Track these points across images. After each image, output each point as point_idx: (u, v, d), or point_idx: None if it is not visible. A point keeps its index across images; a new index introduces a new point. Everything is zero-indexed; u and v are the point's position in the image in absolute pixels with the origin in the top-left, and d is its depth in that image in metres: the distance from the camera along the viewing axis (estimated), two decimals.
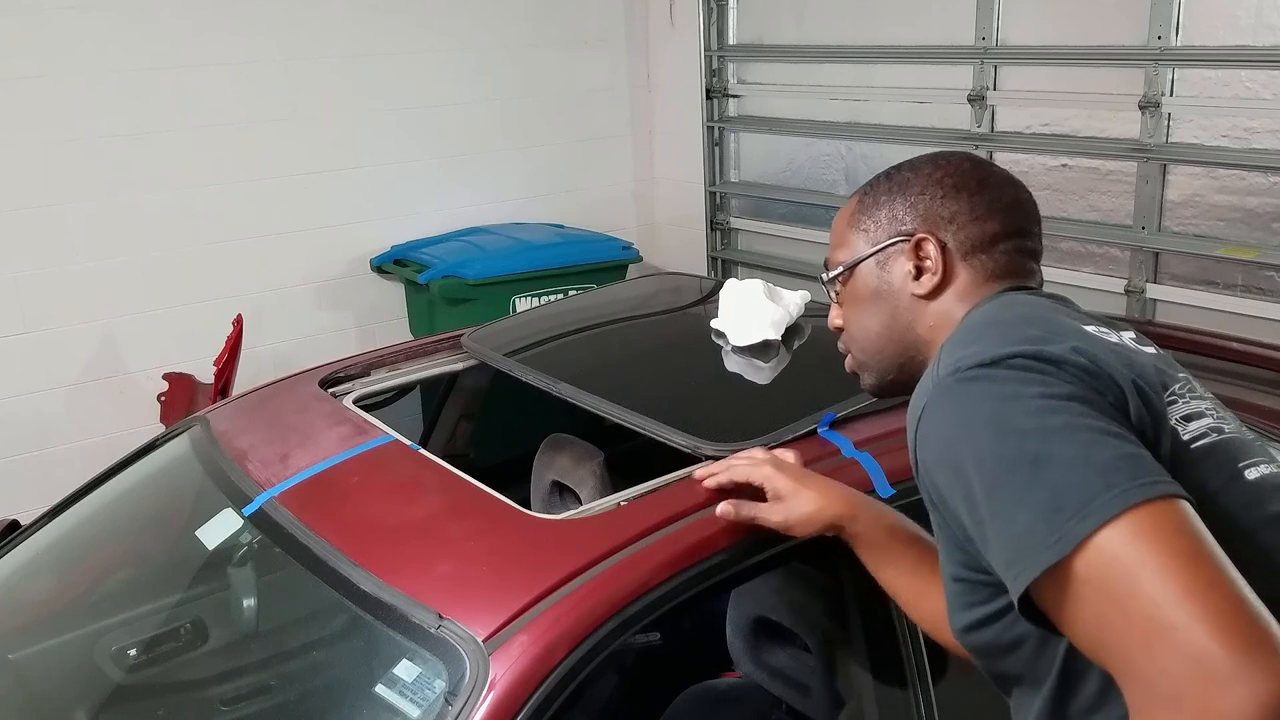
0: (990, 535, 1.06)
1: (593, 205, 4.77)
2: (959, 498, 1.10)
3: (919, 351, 1.38)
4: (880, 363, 1.42)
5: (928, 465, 1.15)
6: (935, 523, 1.21)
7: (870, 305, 1.41)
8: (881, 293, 1.39)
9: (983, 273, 1.35)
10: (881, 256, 1.39)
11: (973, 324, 1.28)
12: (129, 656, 2.06)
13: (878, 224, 1.40)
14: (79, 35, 3.58)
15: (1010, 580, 1.04)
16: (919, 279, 1.36)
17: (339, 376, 2.34)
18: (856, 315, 1.43)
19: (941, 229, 1.36)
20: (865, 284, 1.41)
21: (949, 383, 1.14)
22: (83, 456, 3.54)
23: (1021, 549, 1.02)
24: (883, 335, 1.40)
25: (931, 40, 3.82)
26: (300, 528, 1.76)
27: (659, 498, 1.72)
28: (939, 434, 1.13)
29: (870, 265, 1.40)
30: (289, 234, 4.09)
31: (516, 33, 4.48)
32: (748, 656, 2.14)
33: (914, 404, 1.21)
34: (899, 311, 1.38)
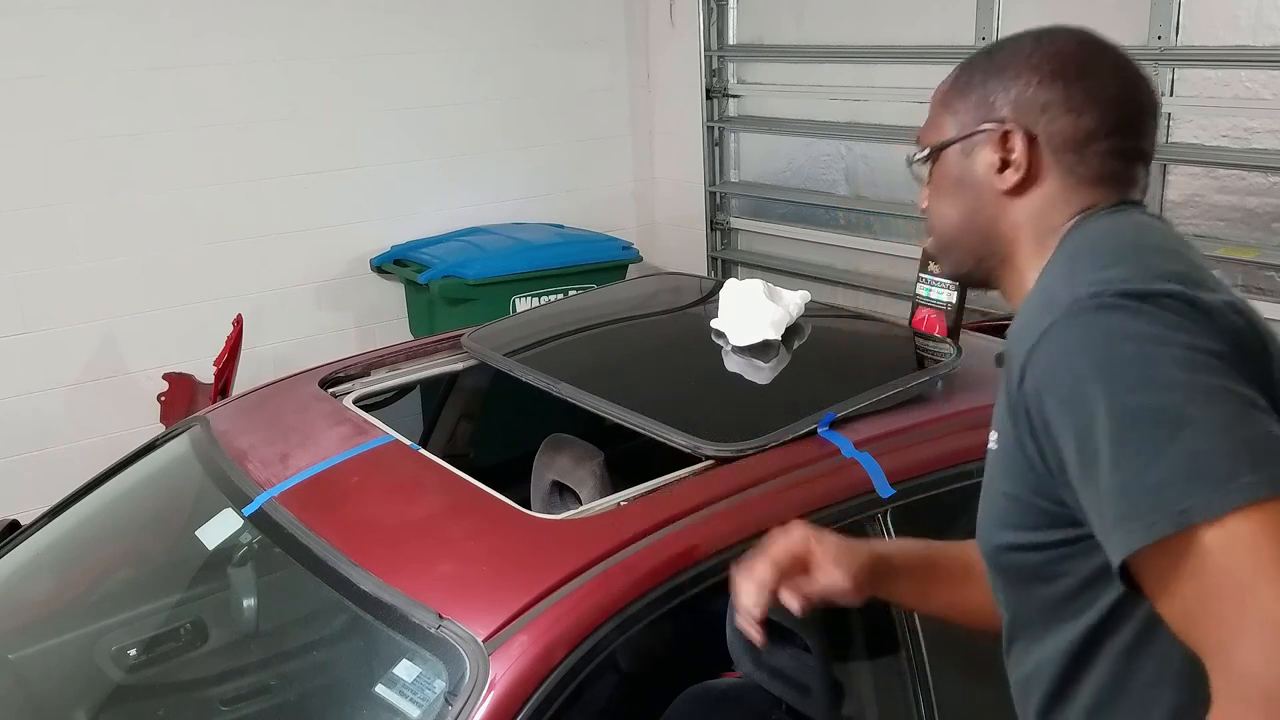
0: (1103, 481, 1.00)
1: (593, 205, 4.77)
2: (1069, 429, 1.03)
3: (1000, 249, 1.30)
4: (958, 253, 1.35)
5: (1039, 386, 1.06)
6: (1008, 438, 1.14)
7: (952, 193, 1.32)
8: (964, 182, 1.30)
9: (1075, 175, 1.24)
10: (967, 144, 1.29)
11: (1106, 242, 1.17)
12: (129, 656, 2.06)
13: (967, 108, 1.30)
14: (79, 35, 3.58)
15: (1115, 533, 0.99)
16: (1002, 173, 1.26)
17: (339, 376, 2.34)
18: (939, 200, 1.34)
19: (1032, 121, 1.24)
20: (949, 170, 1.32)
21: (1088, 305, 1.05)
22: (83, 456, 3.53)
23: (1142, 507, 0.97)
24: (962, 226, 1.32)
25: (931, 40, 3.82)
26: (300, 528, 1.76)
27: (659, 498, 1.72)
28: (1066, 359, 1.04)
29: (955, 152, 1.30)
30: (289, 234, 4.09)
31: (516, 33, 4.48)
32: (748, 656, 2.14)
33: (1033, 316, 1.11)
34: (981, 205, 1.29)
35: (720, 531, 1.64)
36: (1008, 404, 1.13)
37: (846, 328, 2.62)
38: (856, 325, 2.63)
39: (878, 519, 1.76)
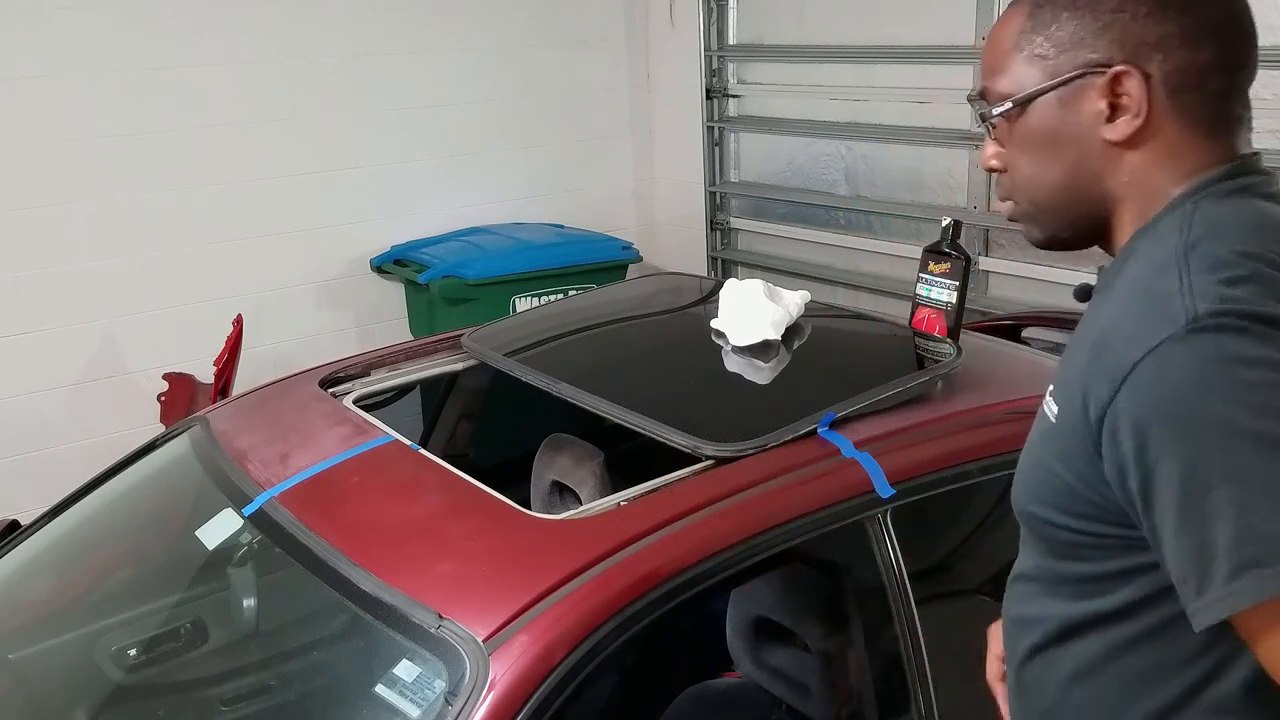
0: (1215, 516, 0.93)
1: (593, 205, 4.77)
2: (1175, 459, 0.95)
3: (1107, 207, 1.15)
4: (1055, 217, 1.18)
5: (1142, 407, 0.97)
6: (1075, 423, 1.06)
7: (1047, 149, 1.14)
8: (1062, 136, 1.13)
9: (1193, 118, 1.09)
10: (1065, 92, 1.11)
11: (1229, 240, 1.03)
12: (129, 656, 2.06)
13: (1059, 47, 1.11)
14: (79, 35, 3.58)
15: (1232, 583, 0.93)
16: (1113, 121, 1.10)
17: (339, 376, 2.34)
18: (1027, 159, 1.16)
19: (1145, 58, 1.08)
20: (1041, 124, 1.14)
21: (1209, 325, 0.95)
22: (83, 456, 3.53)
23: (1271, 548, 0.91)
24: (1062, 185, 1.15)
25: (931, 40, 3.82)
26: (300, 528, 1.76)
27: (659, 498, 1.72)
28: (1180, 387, 0.95)
29: (1049, 102, 1.12)
30: (289, 234, 4.09)
31: (516, 33, 4.48)
32: (748, 656, 2.14)
33: (1142, 318, 1.01)
34: (1086, 160, 1.13)
35: (720, 531, 1.64)
36: (1083, 397, 1.04)
37: (846, 328, 2.62)
38: (856, 325, 2.63)
39: (878, 519, 1.76)
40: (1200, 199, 1.09)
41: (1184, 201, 1.09)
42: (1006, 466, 1.89)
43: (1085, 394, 1.04)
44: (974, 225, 3.74)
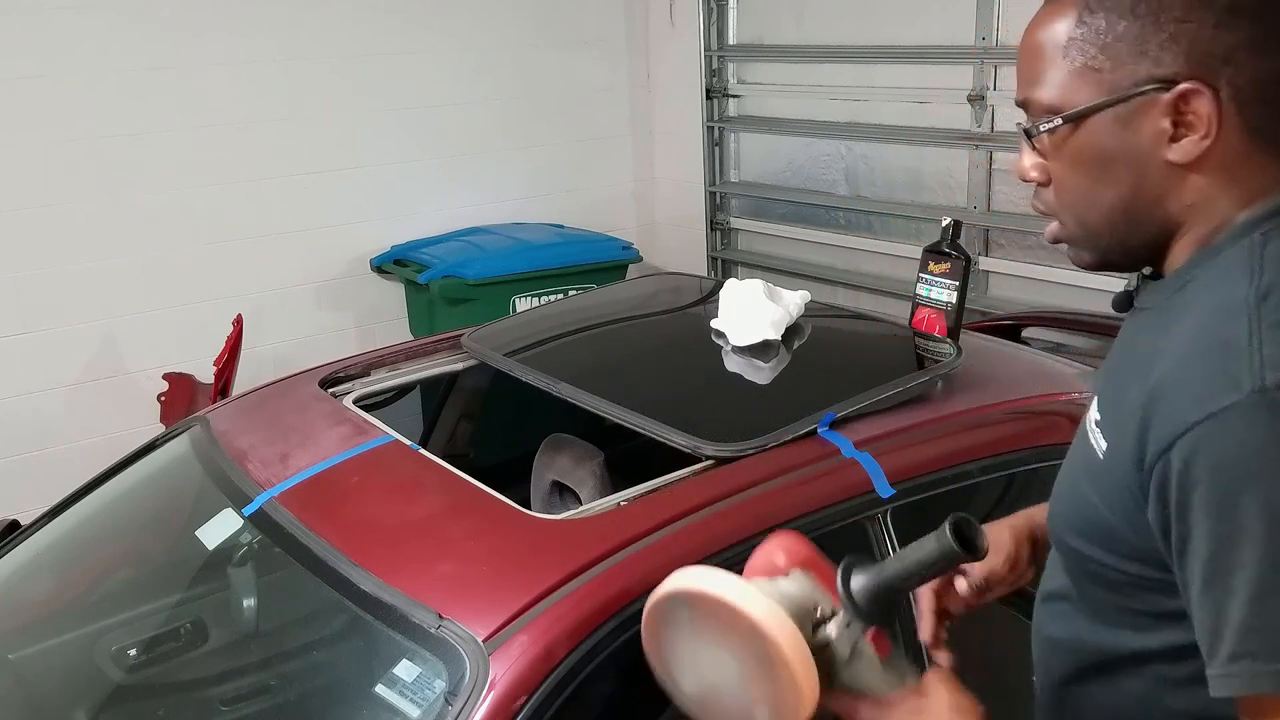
0: (1233, 595, 0.92)
1: (593, 205, 4.77)
2: (1213, 530, 0.93)
3: (1166, 231, 1.06)
4: (1109, 241, 1.09)
5: (1192, 470, 0.93)
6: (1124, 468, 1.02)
7: (1100, 170, 1.05)
8: (1120, 156, 1.03)
9: (1263, 134, 1.01)
10: (1123, 109, 1.01)
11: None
12: (129, 656, 2.06)
13: (1116, 60, 1.01)
14: (79, 35, 3.58)
15: (1222, 658, 0.93)
16: (1177, 141, 1.01)
17: (339, 376, 2.34)
18: (1076, 178, 1.07)
19: (1213, 72, 0.98)
20: (1095, 142, 1.04)
21: (1276, 400, 0.90)
22: (83, 456, 3.53)
23: (1259, 646, 0.90)
24: (1117, 209, 1.06)
25: (931, 40, 3.82)
26: (300, 528, 1.76)
27: (659, 498, 1.72)
28: (1237, 457, 0.91)
29: (1104, 119, 1.02)
30: (289, 234, 4.09)
31: (516, 33, 4.48)
32: None
33: (1204, 374, 0.95)
34: (1145, 182, 1.03)
35: (720, 531, 1.64)
36: (1137, 441, 0.99)
37: (846, 328, 2.62)
38: (856, 325, 2.63)
39: (878, 519, 1.76)
40: (1270, 231, 1.01)
41: (1251, 230, 1.02)
42: (1007, 466, 1.91)
43: (1140, 438, 0.99)
44: (974, 225, 3.74)
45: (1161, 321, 1.05)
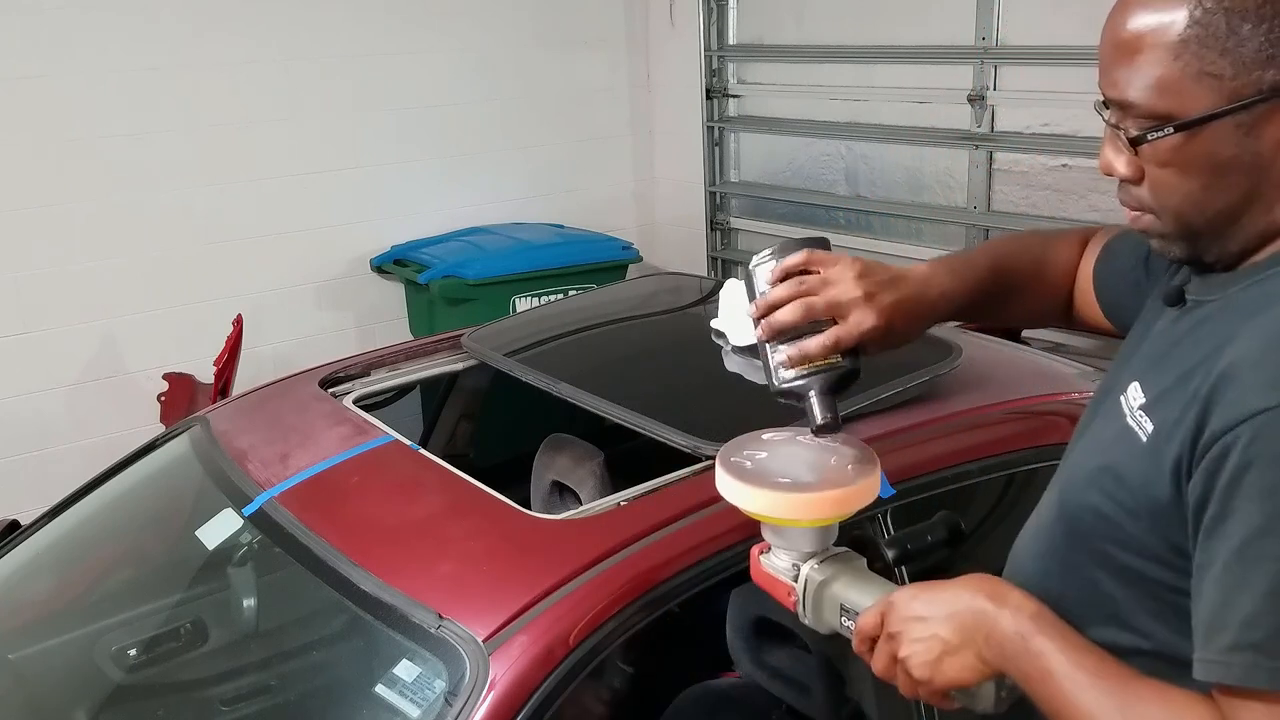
0: (1250, 585, 0.92)
1: (593, 205, 4.77)
2: (1252, 513, 0.92)
3: (1266, 235, 1.04)
4: (1206, 240, 1.07)
5: (1250, 452, 0.93)
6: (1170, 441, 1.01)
7: (1215, 175, 1.01)
8: (1237, 164, 1.00)
9: None
10: (1246, 116, 0.97)
11: None
12: (129, 656, 2.06)
13: (1238, 65, 0.96)
14: (79, 35, 3.58)
15: (1220, 645, 0.93)
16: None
17: (339, 376, 2.34)
18: (1186, 183, 1.03)
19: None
20: (1212, 149, 1.00)
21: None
22: (83, 456, 3.53)
23: (1263, 640, 0.90)
24: (1226, 214, 1.03)
25: (931, 40, 3.82)
26: (300, 528, 1.76)
27: (659, 498, 1.72)
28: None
29: (1223, 126, 0.98)
30: (289, 234, 4.09)
31: (516, 33, 4.48)
32: (748, 656, 2.14)
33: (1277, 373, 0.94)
34: (1261, 188, 1.01)
35: (720, 531, 1.64)
36: (1195, 425, 0.98)
37: None
38: None
39: (878, 519, 1.76)
40: None
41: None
42: (1007, 466, 1.91)
43: (1200, 418, 0.98)
44: (974, 225, 3.74)
45: (1234, 312, 1.03)
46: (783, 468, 1.25)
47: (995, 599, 1.07)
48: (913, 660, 1.11)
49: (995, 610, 1.06)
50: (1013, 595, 1.08)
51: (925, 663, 1.10)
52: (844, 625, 1.23)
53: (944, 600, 1.10)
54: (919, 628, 1.10)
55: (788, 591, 1.30)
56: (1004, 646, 1.05)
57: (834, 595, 1.24)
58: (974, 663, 1.08)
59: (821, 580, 1.24)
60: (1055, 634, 1.03)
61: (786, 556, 1.29)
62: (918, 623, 1.11)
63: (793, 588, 1.28)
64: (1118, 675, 1.00)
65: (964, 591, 1.10)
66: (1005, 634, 1.05)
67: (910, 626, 1.11)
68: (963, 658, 1.08)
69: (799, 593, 1.27)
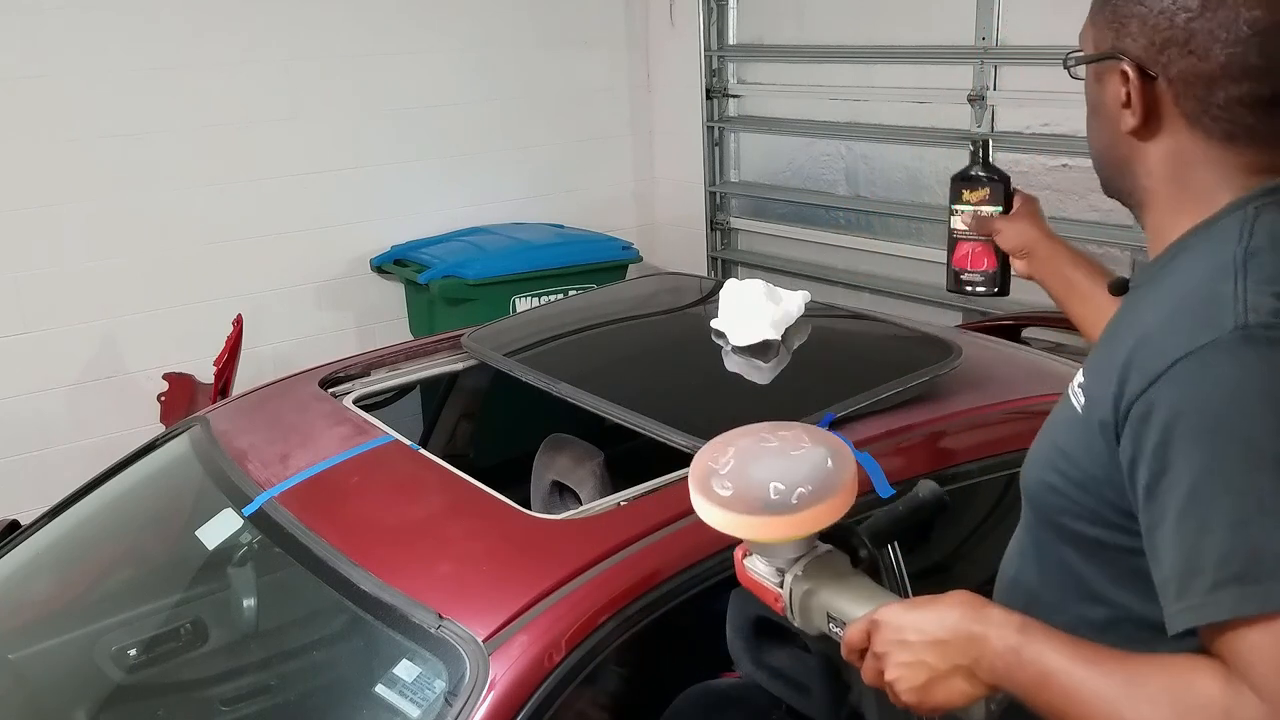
0: (1212, 526, 0.93)
1: (593, 205, 4.77)
2: (1192, 461, 0.95)
3: (1136, 193, 1.17)
4: (1102, 178, 1.23)
5: (1175, 406, 0.96)
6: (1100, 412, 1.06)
7: (1092, 116, 1.19)
8: (1098, 110, 1.17)
9: (1201, 128, 1.08)
10: (1100, 68, 1.14)
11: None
12: (129, 656, 2.06)
13: (1105, 23, 1.13)
14: (79, 35, 3.58)
15: (1200, 590, 0.94)
16: (1126, 109, 1.11)
17: (339, 376, 2.34)
18: (1089, 115, 1.20)
19: (1152, 59, 1.07)
20: (1089, 89, 1.18)
21: (1258, 337, 0.95)
22: (83, 456, 3.53)
23: (1259, 568, 0.91)
24: (1103, 156, 1.20)
25: (931, 40, 3.82)
26: (300, 528, 1.76)
27: (659, 498, 1.72)
28: (1219, 390, 0.94)
29: (1090, 72, 1.17)
30: (289, 234, 4.09)
31: (516, 33, 4.48)
32: (748, 656, 2.14)
33: (1189, 316, 1.00)
34: (1116, 141, 1.15)
35: (720, 532, 1.64)
36: (1118, 387, 1.03)
37: (846, 328, 2.62)
38: (856, 325, 2.63)
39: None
40: (1264, 205, 1.06)
41: (1244, 205, 1.07)
42: (1006, 466, 1.91)
43: (1121, 383, 1.03)
44: None
45: (1153, 288, 1.11)
46: (756, 480, 1.23)
47: (980, 620, 1.08)
48: (900, 685, 1.12)
49: (982, 631, 1.07)
50: (994, 613, 1.08)
51: (913, 689, 1.11)
52: (833, 631, 1.22)
53: (929, 623, 1.10)
54: (904, 652, 1.11)
55: (774, 598, 1.28)
56: (996, 665, 1.06)
57: (820, 604, 1.23)
58: (963, 687, 1.09)
59: (807, 589, 1.23)
60: (1044, 638, 1.04)
61: (769, 563, 1.28)
62: (903, 647, 1.11)
63: (779, 594, 1.27)
64: (1115, 658, 1.01)
65: (950, 612, 1.10)
66: (996, 652, 1.06)
67: (895, 650, 1.12)
68: (951, 684, 1.09)
69: (785, 600, 1.26)
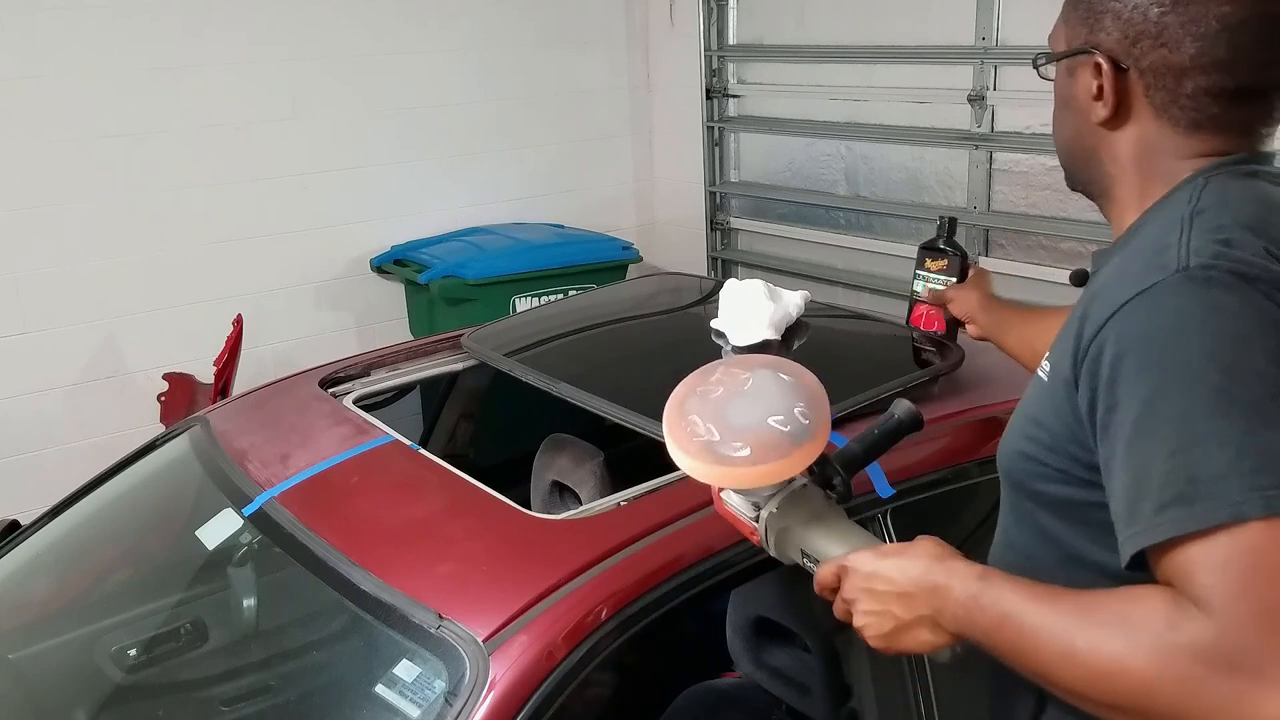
0: (1155, 453, 0.98)
1: (593, 205, 4.77)
2: (1137, 392, 1.00)
3: (1101, 181, 1.24)
4: (1068, 171, 1.32)
5: (1122, 342, 1.03)
6: (1061, 373, 1.12)
7: (1061, 110, 1.27)
8: (1069, 103, 1.24)
9: (1169, 117, 1.15)
10: (1071, 63, 1.22)
11: (1230, 209, 1.08)
12: (129, 656, 2.06)
13: (1077, 19, 1.20)
14: (78, 35, 3.58)
15: (1146, 513, 0.97)
16: (1097, 102, 1.19)
17: (339, 376, 2.34)
18: (1057, 110, 1.28)
19: (1124, 52, 1.14)
20: (1060, 84, 1.26)
21: (1197, 276, 1.01)
22: (83, 456, 3.53)
23: (1197, 488, 0.95)
24: (1069, 148, 1.28)
25: (931, 40, 3.82)
26: (300, 528, 1.76)
27: (659, 498, 1.72)
28: (1159, 326, 1.01)
29: (1062, 68, 1.24)
30: (289, 234, 4.09)
31: (516, 33, 4.48)
32: (748, 656, 2.15)
33: (1136, 267, 1.06)
34: (1083, 132, 1.23)
35: (720, 531, 1.64)
36: (1075, 341, 1.09)
37: (846, 328, 2.62)
38: (856, 325, 2.63)
39: (878, 519, 1.76)
40: (1212, 175, 1.13)
41: (1195, 178, 1.14)
42: None
43: (1078, 336, 1.09)
44: (974, 225, 3.74)
45: (1107, 262, 1.18)
46: (732, 425, 1.28)
47: (944, 571, 1.14)
48: (867, 632, 1.20)
49: (945, 582, 1.13)
50: (958, 564, 1.15)
51: (880, 635, 1.19)
52: (806, 565, 1.29)
53: (896, 573, 1.18)
54: (871, 601, 1.19)
55: (750, 530, 1.36)
56: (958, 614, 1.12)
57: (795, 540, 1.29)
58: (927, 636, 1.16)
59: (782, 527, 1.29)
60: (1002, 582, 1.10)
61: (745, 498, 1.34)
62: (870, 596, 1.19)
63: (755, 528, 1.34)
64: (1069, 594, 1.05)
65: (915, 563, 1.17)
66: (958, 600, 1.12)
67: (863, 598, 1.20)
68: (916, 633, 1.17)
69: (761, 533, 1.32)
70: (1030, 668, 1.05)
